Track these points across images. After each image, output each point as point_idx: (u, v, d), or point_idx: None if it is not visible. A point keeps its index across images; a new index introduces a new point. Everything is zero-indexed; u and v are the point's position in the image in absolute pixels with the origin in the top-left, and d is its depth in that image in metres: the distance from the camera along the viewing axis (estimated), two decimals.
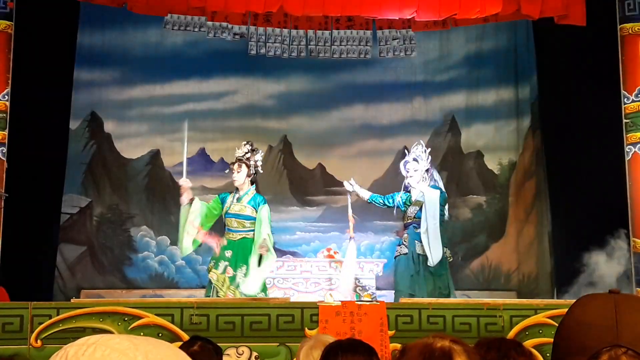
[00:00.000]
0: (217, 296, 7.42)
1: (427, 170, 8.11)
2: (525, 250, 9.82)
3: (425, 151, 8.18)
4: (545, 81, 9.36)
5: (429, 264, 7.74)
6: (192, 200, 7.62)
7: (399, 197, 8.08)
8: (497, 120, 10.06)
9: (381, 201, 8.22)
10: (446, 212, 8.10)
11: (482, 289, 9.68)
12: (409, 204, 8.02)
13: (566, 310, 1.72)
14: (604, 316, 1.59)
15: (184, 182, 7.66)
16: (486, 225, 9.96)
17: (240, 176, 7.80)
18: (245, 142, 7.91)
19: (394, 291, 8.12)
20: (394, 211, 8.14)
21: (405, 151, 8.31)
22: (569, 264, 8.03)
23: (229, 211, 7.74)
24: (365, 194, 8.29)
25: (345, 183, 8.29)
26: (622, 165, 7.71)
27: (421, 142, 8.26)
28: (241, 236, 7.74)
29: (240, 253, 7.64)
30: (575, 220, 8.48)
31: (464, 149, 10.07)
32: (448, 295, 7.74)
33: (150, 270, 9.61)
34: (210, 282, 7.66)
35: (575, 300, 1.73)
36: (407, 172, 8.09)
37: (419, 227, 7.88)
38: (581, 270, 7.61)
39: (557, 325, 1.77)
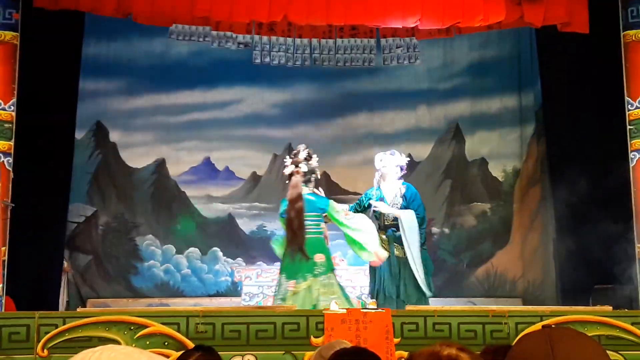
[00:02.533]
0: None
1: (400, 168, 7.84)
2: (530, 257, 9.81)
3: (391, 154, 7.95)
4: (548, 88, 9.36)
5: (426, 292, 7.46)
6: None
7: (374, 193, 7.77)
8: (501, 128, 10.07)
9: (356, 208, 7.76)
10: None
11: (487, 296, 9.68)
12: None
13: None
14: (540, 351, 1.63)
15: None
16: (491, 232, 9.96)
17: None
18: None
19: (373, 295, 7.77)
20: (370, 212, 7.69)
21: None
22: (573, 271, 8.03)
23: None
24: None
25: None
26: (626, 171, 7.71)
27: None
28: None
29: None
30: (580, 227, 8.47)
31: (469, 157, 10.08)
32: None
33: (156, 279, 9.62)
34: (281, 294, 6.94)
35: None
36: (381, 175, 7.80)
37: (398, 230, 7.59)
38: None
39: None
